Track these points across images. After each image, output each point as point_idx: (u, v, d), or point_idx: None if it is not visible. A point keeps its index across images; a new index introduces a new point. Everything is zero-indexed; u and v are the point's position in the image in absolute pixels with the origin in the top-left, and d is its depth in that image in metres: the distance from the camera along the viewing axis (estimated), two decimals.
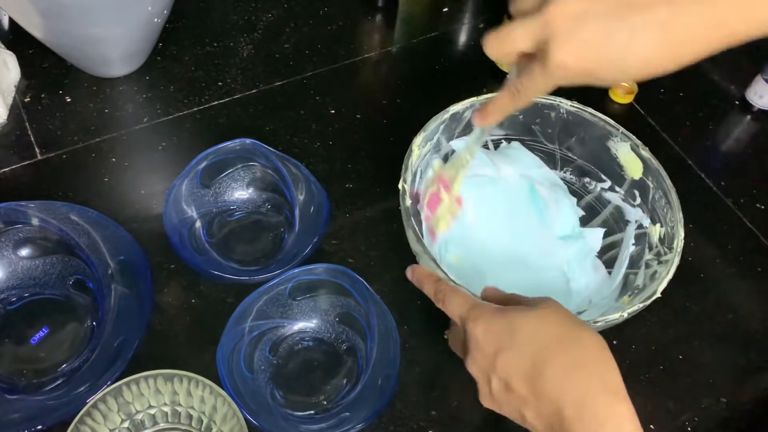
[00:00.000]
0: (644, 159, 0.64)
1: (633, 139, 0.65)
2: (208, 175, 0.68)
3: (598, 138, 0.67)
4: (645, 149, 0.64)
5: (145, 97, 0.79)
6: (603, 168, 0.68)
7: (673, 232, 0.60)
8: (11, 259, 0.63)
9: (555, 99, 0.65)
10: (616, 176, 0.67)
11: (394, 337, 0.58)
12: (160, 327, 0.63)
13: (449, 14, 0.93)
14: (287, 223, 0.69)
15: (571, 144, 0.69)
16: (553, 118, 0.67)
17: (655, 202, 0.63)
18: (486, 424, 0.61)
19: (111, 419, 0.54)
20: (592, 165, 0.69)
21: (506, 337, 0.44)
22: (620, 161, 0.66)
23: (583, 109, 0.66)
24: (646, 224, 0.64)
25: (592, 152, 0.68)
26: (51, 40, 0.75)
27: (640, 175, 0.65)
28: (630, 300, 0.60)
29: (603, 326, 0.54)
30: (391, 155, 0.62)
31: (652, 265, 0.62)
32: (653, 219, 0.64)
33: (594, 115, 0.66)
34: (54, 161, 0.73)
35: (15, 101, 0.77)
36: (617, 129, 0.65)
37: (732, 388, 0.65)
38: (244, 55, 0.85)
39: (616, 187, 0.68)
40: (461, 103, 0.63)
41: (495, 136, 0.70)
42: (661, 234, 0.62)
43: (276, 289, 0.61)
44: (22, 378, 0.59)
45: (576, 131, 0.67)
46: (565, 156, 0.70)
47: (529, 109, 0.66)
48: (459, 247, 0.67)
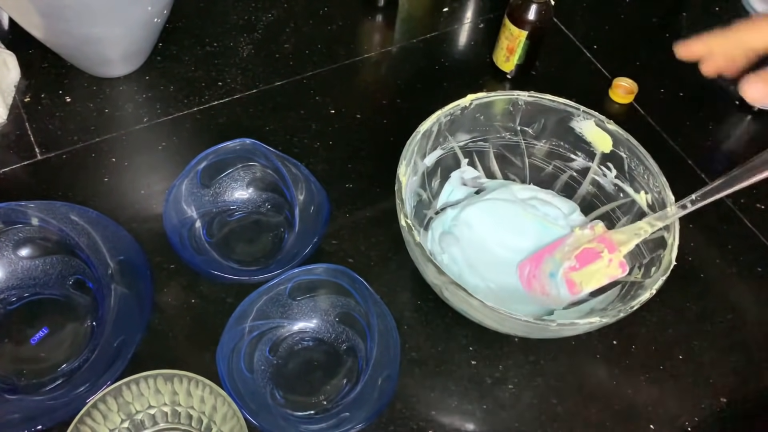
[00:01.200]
0: (611, 132, 0.65)
1: (596, 115, 0.65)
2: (208, 175, 0.68)
3: (560, 121, 0.67)
4: (610, 123, 0.65)
5: (145, 97, 0.79)
6: (571, 148, 0.69)
7: (662, 197, 0.61)
8: (11, 259, 0.63)
9: (513, 93, 0.66)
10: (586, 153, 0.68)
11: (394, 337, 0.58)
12: (160, 327, 0.63)
13: (449, 14, 0.93)
14: (287, 223, 0.69)
15: (535, 132, 0.69)
16: (512, 112, 0.67)
17: (633, 170, 0.65)
18: (485, 425, 0.61)
19: (111, 419, 0.54)
20: (558, 148, 0.69)
21: None
22: (587, 138, 0.67)
23: (542, 97, 0.66)
24: (630, 191, 0.65)
25: (557, 135, 0.69)
26: (51, 40, 0.75)
27: (610, 147, 0.66)
28: (643, 273, 0.61)
29: (635, 307, 0.55)
30: (391, 155, 0.62)
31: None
32: (635, 188, 0.65)
33: (553, 100, 0.66)
34: (54, 161, 0.73)
35: (15, 101, 0.77)
36: (578, 108, 0.66)
37: (732, 388, 0.65)
38: (244, 55, 0.85)
39: (588, 162, 0.68)
40: (428, 120, 0.63)
41: (462, 142, 0.69)
42: (648, 200, 0.63)
43: (276, 289, 0.61)
44: (22, 378, 0.59)
45: (537, 119, 0.68)
46: (530, 144, 0.70)
47: (488, 109, 0.66)
48: (457, 250, 0.67)
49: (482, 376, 0.64)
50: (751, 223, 0.77)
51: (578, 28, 0.93)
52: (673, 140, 0.83)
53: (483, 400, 0.62)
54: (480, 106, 0.65)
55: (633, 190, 0.65)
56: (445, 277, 0.55)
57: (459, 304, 0.58)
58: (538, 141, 0.70)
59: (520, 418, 0.62)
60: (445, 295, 0.58)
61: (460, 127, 0.66)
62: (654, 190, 0.63)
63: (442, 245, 0.67)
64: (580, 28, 0.93)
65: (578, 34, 0.93)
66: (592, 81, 0.87)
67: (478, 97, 0.64)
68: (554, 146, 0.70)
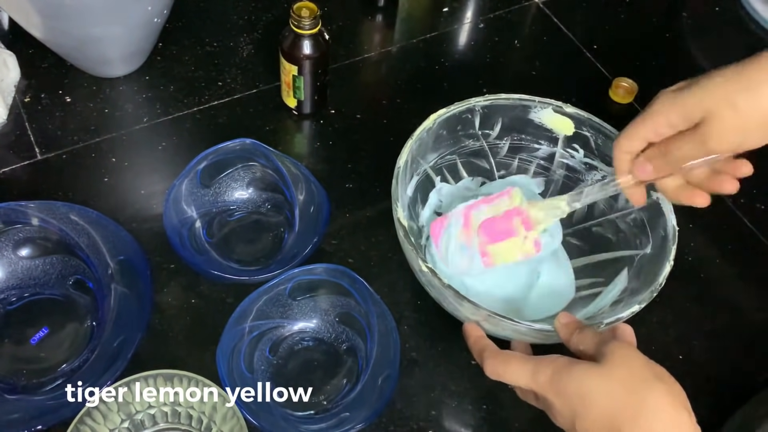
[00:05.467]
0: (570, 115, 0.66)
1: (553, 102, 0.66)
2: (208, 175, 0.68)
3: (518, 115, 0.68)
4: (568, 106, 0.66)
5: (145, 97, 0.79)
6: (533, 138, 0.69)
7: None
8: (11, 259, 0.63)
9: (471, 101, 0.66)
10: (549, 140, 0.69)
11: (394, 337, 0.58)
12: (160, 327, 0.63)
13: (449, 14, 0.93)
14: (287, 223, 0.69)
15: (495, 132, 0.69)
16: (471, 118, 0.68)
17: (600, 146, 0.66)
18: (485, 424, 0.61)
19: (111, 419, 0.54)
20: (521, 141, 0.70)
21: (578, 403, 0.45)
22: (548, 126, 0.68)
23: (497, 97, 0.67)
24: (602, 166, 0.66)
25: (517, 130, 0.69)
26: (51, 40, 0.75)
27: (573, 129, 0.67)
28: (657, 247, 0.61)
29: (651, 296, 0.55)
30: (391, 155, 0.62)
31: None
32: (607, 162, 0.66)
33: (508, 98, 0.67)
34: (54, 161, 0.73)
35: (15, 101, 0.77)
36: (533, 100, 0.66)
37: (732, 388, 0.65)
38: (244, 55, 0.85)
39: (553, 148, 0.69)
40: (404, 153, 0.62)
41: (432, 161, 0.69)
42: None
43: (276, 289, 0.61)
44: (22, 378, 0.59)
45: (495, 119, 0.68)
46: (493, 144, 0.70)
47: (448, 123, 0.66)
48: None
49: (482, 376, 0.63)
50: (751, 223, 0.77)
51: (578, 28, 0.93)
52: None
53: (483, 400, 0.62)
54: (441, 122, 0.65)
55: (605, 165, 0.66)
56: (484, 311, 0.54)
57: (496, 331, 0.57)
58: (500, 140, 0.70)
59: (520, 418, 0.62)
60: (485, 327, 0.57)
61: (428, 147, 0.67)
62: None
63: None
64: (580, 28, 0.93)
65: (578, 34, 0.93)
66: (592, 81, 0.87)
67: (439, 114, 0.65)
68: (516, 141, 0.70)
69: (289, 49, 0.72)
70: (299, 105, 0.77)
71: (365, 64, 0.86)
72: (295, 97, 0.76)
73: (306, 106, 0.78)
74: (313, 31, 0.70)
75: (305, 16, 0.69)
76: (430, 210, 0.70)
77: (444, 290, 0.55)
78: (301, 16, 0.69)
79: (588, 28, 0.94)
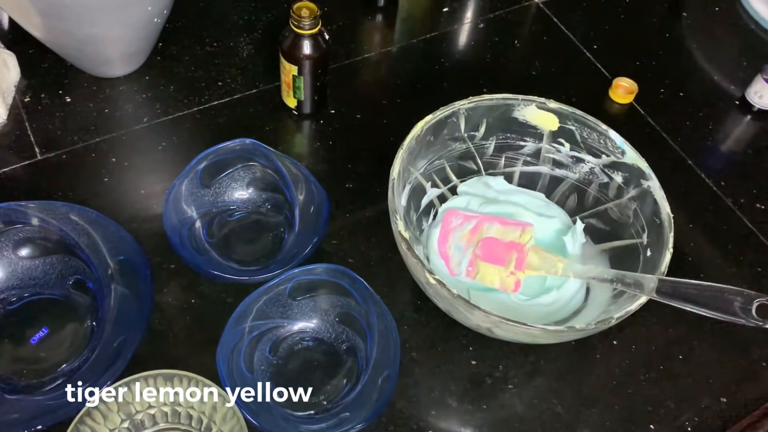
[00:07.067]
0: (554, 110, 0.67)
1: (536, 99, 0.67)
2: (208, 175, 0.68)
3: (502, 115, 0.68)
4: (552, 102, 0.66)
5: (145, 97, 0.79)
6: (518, 136, 0.70)
7: (625, 157, 0.64)
8: (11, 259, 0.63)
9: (455, 105, 0.66)
10: (534, 137, 0.69)
11: (394, 337, 0.58)
12: (160, 327, 0.63)
13: (449, 14, 0.93)
14: (287, 223, 0.69)
15: (481, 132, 0.70)
16: (456, 122, 0.68)
17: (586, 139, 0.66)
18: (485, 424, 0.61)
19: (111, 419, 0.54)
20: (507, 140, 0.70)
21: None
22: (532, 123, 0.68)
23: (480, 99, 0.67)
24: (589, 158, 0.67)
25: (502, 129, 0.70)
26: (51, 40, 0.75)
27: (557, 125, 0.67)
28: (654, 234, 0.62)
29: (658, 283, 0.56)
30: (391, 155, 0.62)
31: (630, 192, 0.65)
32: (594, 153, 0.67)
33: (491, 98, 0.67)
34: (54, 161, 0.73)
35: (15, 101, 0.77)
36: (516, 98, 0.67)
37: (732, 388, 0.65)
38: (244, 55, 0.85)
39: (539, 144, 0.69)
40: (396, 164, 0.62)
41: (421, 168, 0.69)
42: (607, 161, 0.66)
43: (276, 289, 0.61)
44: (22, 378, 0.59)
45: (480, 120, 0.69)
46: (479, 146, 0.71)
47: (435, 129, 0.66)
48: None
49: (482, 376, 0.64)
50: (751, 223, 0.77)
51: (578, 28, 0.93)
52: (673, 140, 0.83)
53: (483, 400, 0.62)
54: (428, 129, 0.65)
55: (591, 156, 0.67)
56: (495, 317, 0.54)
57: (506, 335, 0.57)
58: (486, 140, 0.70)
59: (520, 418, 0.62)
60: (496, 333, 0.57)
61: (417, 155, 0.67)
62: (616, 152, 0.65)
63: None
64: (580, 28, 0.93)
65: (578, 34, 0.93)
66: (592, 81, 0.87)
67: (427, 121, 0.65)
68: (502, 139, 0.70)
69: (289, 49, 0.72)
70: (299, 105, 0.77)
71: (365, 64, 0.86)
72: (295, 97, 0.76)
73: (306, 106, 0.78)
74: (313, 31, 0.70)
75: (305, 16, 0.69)
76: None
77: (454, 300, 0.55)
78: (301, 16, 0.69)
79: (588, 28, 0.94)
